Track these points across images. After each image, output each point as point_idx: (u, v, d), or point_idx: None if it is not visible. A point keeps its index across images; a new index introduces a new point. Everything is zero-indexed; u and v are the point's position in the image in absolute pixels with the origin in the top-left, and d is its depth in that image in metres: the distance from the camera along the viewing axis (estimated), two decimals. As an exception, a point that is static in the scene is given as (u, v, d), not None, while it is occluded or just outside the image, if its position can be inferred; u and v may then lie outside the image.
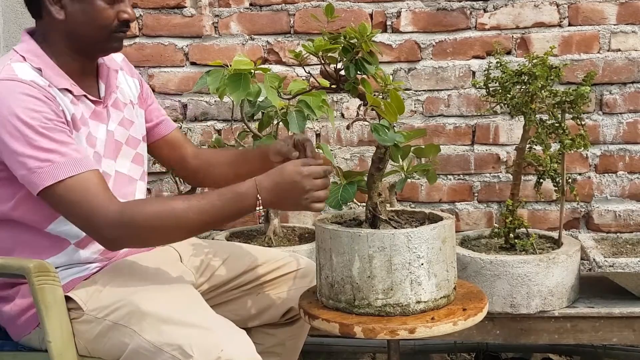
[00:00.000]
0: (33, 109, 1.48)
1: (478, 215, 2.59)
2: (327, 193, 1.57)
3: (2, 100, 1.48)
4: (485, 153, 2.56)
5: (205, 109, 2.65)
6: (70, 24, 1.58)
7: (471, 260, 2.11)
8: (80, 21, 1.57)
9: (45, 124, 1.48)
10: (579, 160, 2.52)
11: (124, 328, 1.49)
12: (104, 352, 1.53)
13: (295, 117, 1.76)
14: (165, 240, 1.60)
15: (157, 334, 1.43)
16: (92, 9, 1.57)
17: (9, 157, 1.49)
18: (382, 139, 1.58)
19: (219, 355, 1.38)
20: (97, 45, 1.62)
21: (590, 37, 2.47)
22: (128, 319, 1.49)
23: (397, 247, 1.56)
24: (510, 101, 2.11)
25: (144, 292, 1.54)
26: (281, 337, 1.87)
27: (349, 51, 1.56)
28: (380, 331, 1.53)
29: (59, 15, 1.57)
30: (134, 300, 1.51)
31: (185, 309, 1.49)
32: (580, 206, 2.54)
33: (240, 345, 1.43)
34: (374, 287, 1.58)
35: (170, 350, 1.41)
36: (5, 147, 1.48)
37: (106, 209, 1.47)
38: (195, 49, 2.63)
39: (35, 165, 1.46)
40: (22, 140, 1.47)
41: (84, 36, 1.59)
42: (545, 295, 2.08)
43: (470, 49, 2.53)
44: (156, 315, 1.46)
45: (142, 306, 1.48)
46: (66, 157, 1.48)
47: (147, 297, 1.52)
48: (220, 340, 1.40)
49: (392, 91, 1.59)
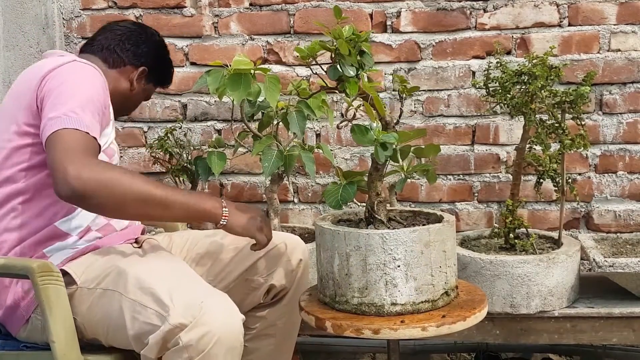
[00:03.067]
0: (99, 89, 1.65)
1: (478, 215, 2.59)
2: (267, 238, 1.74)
3: (83, 70, 1.67)
4: (485, 153, 2.57)
5: (205, 109, 2.66)
6: (131, 96, 1.93)
7: (471, 260, 2.11)
8: (135, 99, 1.97)
9: (94, 104, 1.61)
10: (579, 160, 2.52)
11: (111, 292, 1.55)
12: (96, 323, 1.58)
13: (296, 118, 1.77)
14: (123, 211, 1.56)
15: (140, 293, 1.50)
16: (142, 99, 2.00)
17: (55, 100, 1.57)
18: (358, 139, 1.60)
19: (200, 306, 1.44)
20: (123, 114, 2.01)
21: (590, 37, 2.48)
22: (115, 283, 1.55)
23: (371, 247, 1.58)
24: (510, 101, 2.12)
25: (132, 260, 1.62)
26: (271, 318, 1.91)
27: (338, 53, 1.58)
28: (347, 328, 1.56)
29: (133, 89, 1.92)
30: (121, 265, 1.58)
31: (170, 272, 1.57)
32: (580, 206, 2.54)
33: (220, 300, 1.49)
34: (350, 285, 1.61)
35: (153, 305, 1.47)
36: (62, 93, 1.58)
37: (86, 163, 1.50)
38: (195, 49, 2.64)
39: (65, 114, 1.55)
40: (78, 99, 1.58)
41: (126, 107, 1.97)
42: (545, 295, 2.09)
43: (470, 49, 2.53)
44: (141, 277, 1.53)
45: (128, 269, 1.56)
46: (89, 123, 1.57)
47: (133, 262, 1.60)
48: (201, 295, 1.47)
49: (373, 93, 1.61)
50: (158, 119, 2.69)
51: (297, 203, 2.67)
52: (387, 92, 2.58)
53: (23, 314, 1.63)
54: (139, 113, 2.67)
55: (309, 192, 2.65)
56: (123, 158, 2.70)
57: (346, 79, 1.60)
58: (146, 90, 1.99)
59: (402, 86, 1.82)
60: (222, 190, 2.69)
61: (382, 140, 1.62)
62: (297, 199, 2.66)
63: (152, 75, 1.96)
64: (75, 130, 1.53)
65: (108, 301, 1.55)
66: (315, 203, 2.65)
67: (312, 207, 2.66)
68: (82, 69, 1.68)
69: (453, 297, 1.68)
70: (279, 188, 2.34)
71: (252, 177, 2.67)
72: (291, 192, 2.66)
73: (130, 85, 1.91)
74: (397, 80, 1.84)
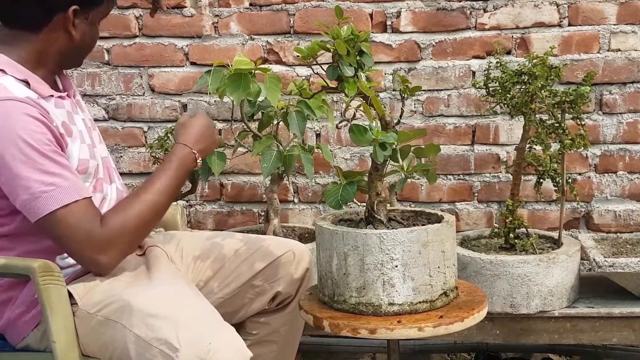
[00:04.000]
0: (36, 131, 1.48)
1: (478, 215, 2.59)
2: None
3: (4, 123, 1.47)
4: (485, 153, 2.57)
5: (205, 109, 2.66)
6: (78, 44, 1.66)
7: (471, 260, 2.11)
8: (87, 43, 1.69)
9: (48, 146, 1.49)
10: (579, 160, 2.52)
11: (114, 323, 1.51)
12: (97, 348, 1.55)
13: (296, 118, 1.77)
14: (148, 232, 1.67)
15: (145, 329, 1.45)
16: (96, 32, 1.71)
17: (11, 182, 1.47)
18: (356, 140, 1.61)
19: (208, 349, 1.39)
20: (82, 61, 1.76)
21: (590, 37, 2.48)
22: (119, 315, 1.51)
23: (369, 247, 1.58)
24: (510, 101, 2.12)
25: (135, 287, 1.57)
26: (275, 324, 1.90)
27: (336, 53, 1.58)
28: (344, 328, 1.57)
29: (76, 36, 1.64)
30: (125, 295, 1.53)
31: (174, 303, 1.52)
32: (580, 206, 2.54)
33: (228, 339, 1.45)
34: (348, 284, 1.61)
35: (159, 344, 1.42)
36: (8, 171, 1.47)
37: (99, 233, 1.53)
38: (195, 49, 2.64)
39: (40, 190, 1.47)
40: (28, 163, 1.46)
41: (82, 55, 1.72)
42: (545, 295, 2.09)
43: (470, 49, 2.53)
44: (145, 310, 1.48)
45: (132, 301, 1.51)
46: (69, 181, 1.50)
47: (137, 292, 1.54)
48: (208, 333, 1.43)
49: (370, 93, 1.61)
50: (158, 119, 2.69)
51: (297, 203, 2.67)
52: (387, 92, 2.58)
53: (21, 331, 1.61)
54: (139, 113, 2.68)
55: (309, 192, 2.65)
56: (123, 158, 2.71)
57: (345, 78, 1.60)
58: (91, 24, 1.67)
59: (404, 86, 1.82)
60: (222, 190, 2.69)
61: (381, 140, 1.62)
62: (297, 198, 2.67)
63: (85, 6, 1.63)
64: (62, 209, 1.47)
65: (111, 331, 1.51)
66: (315, 203, 2.66)
67: (312, 207, 2.66)
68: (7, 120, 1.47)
69: (452, 298, 1.67)
70: (279, 188, 2.34)
71: (252, 177, 2.68)
72: (291, 192, 2.66)
73: (69, 35, 1.63)
74: (399, 79, 1.85)
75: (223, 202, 2.70)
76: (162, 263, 1.73)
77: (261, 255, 1.86)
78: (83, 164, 1.63)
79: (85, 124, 1.72)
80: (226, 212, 2.70)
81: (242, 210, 2.70)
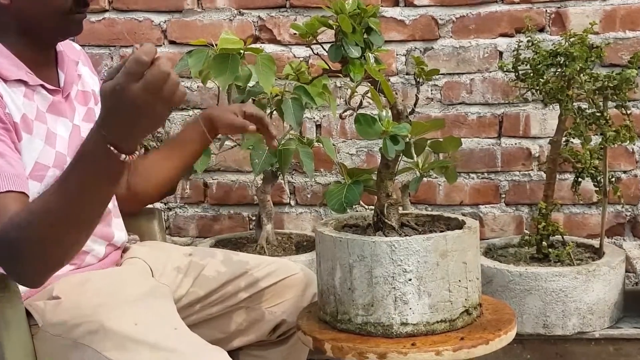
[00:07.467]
0: None
1: (505, 220, 2.60)
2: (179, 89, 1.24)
3: None
4: (514, 147, 2.57)
5: (187, 96, 2.66)
6: (16, 9, 1.58)
7: (497, 272, 2.12)
8: (27, 4, 1.57)
9: None
10: (624, 155, 2.53)
11: (84, 347, 1.49)
12: None
13: (292, 106, 1.77)
14: (52, 246, 1.39)
15: (120, 354, 1.45)
16: None
17: None
18: (363, 131, 1.60)
19: None
20: (52, 29, 1.62)
21: (637, 12, 2.48)
22: (90, 338, 1.50)
23: (378, 257, 1.57)
24: (543, 87, 2.12)
25: (108, 307, 1.55)
26: (273, 358, 1.89)
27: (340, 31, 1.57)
28: (349, 351, 1.55)
29: (4, 0, 1.57)
30: (96, 315, 1.52)
31: (152, 327, 1.50)
32: (625, 209, 2.55)
33: None
34: (354, 301, 1.60)
35: None
36: None
37: None
38: (175, 25, 2.64)
39: None
40: None
41: (35, 20, 1.60)
42: (584, 314, 2.09)
43: (496, 25, 2.54)
44: (120, 334, 1.47)
45: (105, 323, 1.49)
46: (11, 167, 1.47)
47: (111, 313, 1.53)
48: (192, 357, 1.41)
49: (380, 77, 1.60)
50: (131, 107, 2.69)
51: (294, 206, 2.67)
52: (399, 75, 2.58)
53: None
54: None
55: (308, 193, 2.66)
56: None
57: (350, 60, 1.60)
58: None
59: (419, 69, 1.81)
60: (207, 191, 2.69)
61: (392, 132, 1.61)
62: (293, 201, 2.67)
63: None
64: None
65: (79, 356, 1.50)
66: (315, 206, 2.66)
67: (312, 210, 2.66)
68: None
69: (475, 317, 1.67)
70: (273, 188, 2.34)
71: (241, 175, 2.68)
72: (287, 193, 2.66)
73: None
74: (413, 61, 1.84)
75: (207, 204, 2.71)
76: (140, 277, 1.72)
77: (262, 274, 1.84)
78: (40, 169, 1.60)
79: (74, 130, 1.67)
80: (211, 217, 2.70)
81: (230, 214, 2.70)
